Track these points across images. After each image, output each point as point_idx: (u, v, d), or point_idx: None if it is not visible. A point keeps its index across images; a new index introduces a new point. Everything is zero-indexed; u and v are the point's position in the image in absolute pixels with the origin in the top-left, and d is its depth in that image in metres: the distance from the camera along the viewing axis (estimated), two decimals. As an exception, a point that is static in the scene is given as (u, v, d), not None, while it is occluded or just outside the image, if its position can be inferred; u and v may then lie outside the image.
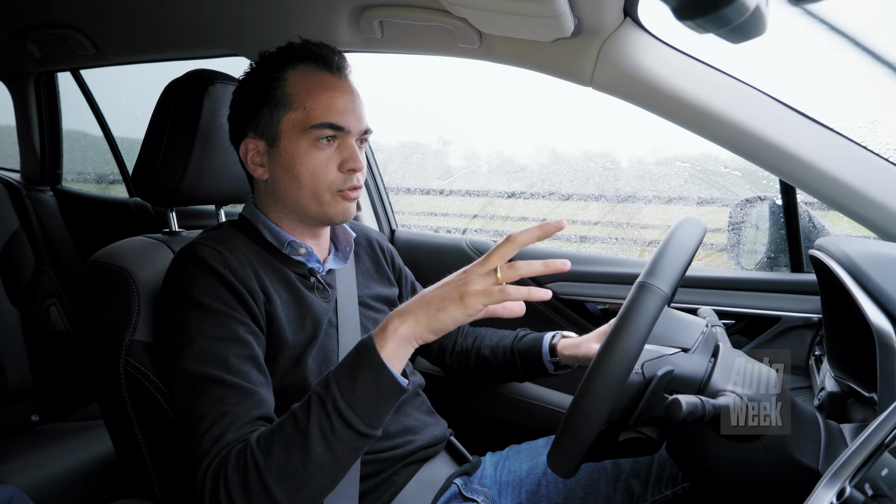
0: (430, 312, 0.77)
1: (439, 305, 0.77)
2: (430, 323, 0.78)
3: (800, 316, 1.28)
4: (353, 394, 0.77)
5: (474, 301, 0.75)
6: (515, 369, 1.29)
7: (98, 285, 1.04)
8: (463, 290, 0.76)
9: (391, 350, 0.78)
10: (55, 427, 1.83)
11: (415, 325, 0.78)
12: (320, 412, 0.77)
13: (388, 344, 0.78)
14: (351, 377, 0.78)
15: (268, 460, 0.77)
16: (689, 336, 0.88)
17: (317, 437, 0.76)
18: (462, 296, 0.76)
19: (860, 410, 0.88)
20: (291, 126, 0.99)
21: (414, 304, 0.80)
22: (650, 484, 1.07)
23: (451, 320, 0.77)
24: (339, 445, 0.77)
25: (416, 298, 0.80)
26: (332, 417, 0.77)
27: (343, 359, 0.82)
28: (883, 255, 0.88)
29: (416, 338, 0.79)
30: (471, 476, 1.19)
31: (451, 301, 0.76)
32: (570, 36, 1.11)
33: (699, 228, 0.88)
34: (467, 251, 1.69)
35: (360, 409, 0.77)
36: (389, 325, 0.79)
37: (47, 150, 2.36)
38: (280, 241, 1.05)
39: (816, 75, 1.41)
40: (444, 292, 0.78)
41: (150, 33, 1.65)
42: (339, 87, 1.02)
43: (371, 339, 0.80)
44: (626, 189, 2.16)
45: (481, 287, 0.76)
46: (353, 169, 1.01)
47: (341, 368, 0.80)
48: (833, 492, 0.55)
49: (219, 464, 0.79)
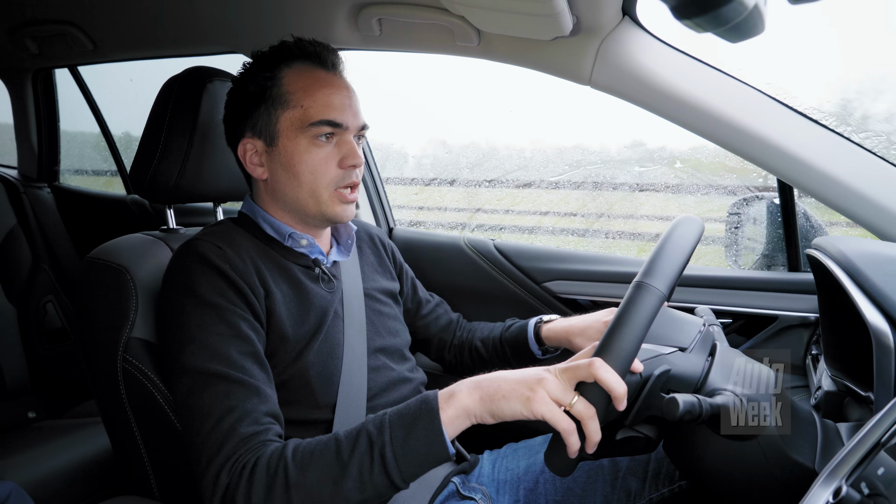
0: (496, 399, 0.77)
1: (507, 395, 0.76)
2: (492, 408, 0.77)
3: (797, 315, 1.28)
4: (404, 448, 0.77)
5: (538, 409, 0.74)
6: (506, 359, 1.29)
7: (95, 282, 1.04)
8: (533, 396, 0.75)
9: (451, 417, 0.78)
10: (52, 424, 1.83)
11: (480, 404, 0.78)
12: (366, 452, 0.78)
13: (450, 411, 0.78)
14: (406, 430, 0.78)
15: (300, 478, 0.77)
16: (686, 335, 0.88)
17: (354, 475, 0.77)
18: (530, 399, 0.75)
19: (857, 409, 0.88)
20: (290, 124, 0.99)
21: (487, 383, 0.79)
22: (647, 482, 1.08)
23: (511, 413, 0.76)
24: (370, 489, 0.77)
25: (493, 378, 0.80)
26: (375, 462, 0.77)
27: (404, 405, 0.82)
28: (880, 255, 0.88)
29: (477, 416, 0.79)
30: (468, 474, 1.19)
31: (518, 399, 0.76)
32: (568, 35, 1.11)
33: (696, 227, 0.88)
34: (465, 250, 1.69)
35: (403, 464, 0.77)
36: (458, 393, 0.79)
37: (45, 146, 2.35)
38: (281, 234, 1.05)
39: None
40: (517, 386, 0.76)
41: (148, 30, 1.65)
42: (335, 83, 1.02)
43: (436, 399, 0.79)
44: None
45: (551, 400, 0.74)
46: (352, 165, 1.01)
47: (399, 417, 0.80)
48: (829, 490, 0.55)
49: (239, 459, 0.79)
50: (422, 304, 1.35)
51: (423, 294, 1.37)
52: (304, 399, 0.98)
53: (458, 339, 1.36)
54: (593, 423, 0.73)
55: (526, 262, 1.62)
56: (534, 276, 1.60)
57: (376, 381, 1.06)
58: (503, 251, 1.65)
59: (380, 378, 1.07)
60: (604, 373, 0.73)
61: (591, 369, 0.73)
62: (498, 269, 1.64)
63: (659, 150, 2.00)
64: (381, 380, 1.07)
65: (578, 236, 2.22)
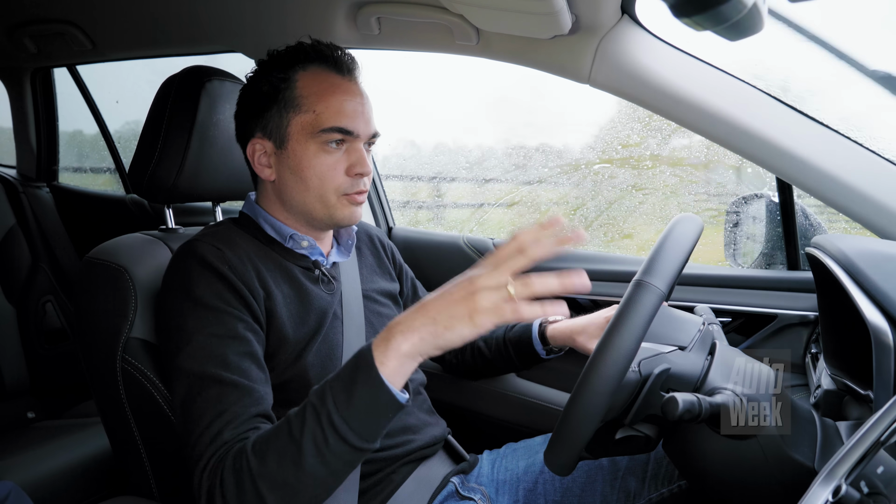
0: (437, 330, 0.72)
1: (447, 323, 0.71)
2: (435, 341, 0.73)
3: (796, 314, 1.28)
4: (349, 408, 0.74)
5: (485, 320, 0.70)
6: (510, 359, 1.29)
7: (94, 282, 1.04)
8: (472, 308, 0.70)
9: (393, 368, 0.73)
10: (51, 424, 1.83)
11: (420, 343, 0.73)
12: (315, 424, 0.74)
13: (389, 361, 0.73)
14: (347, 391, 0.74)
15: (261, 468, 0.75)
16: (685, 334, 0.88)
17: (310, 450, 0.74)
18: (471, 314, 0.70)
19: (856, 408, 0.88)
20: (300, 129, 0.98)
21: (419, 318, 0.74)
22: (647, 481, 1.08)
23: (459, 338, 0.72)
24: (333, 458, 0.75)
25: (420, 311, 0.74)
26: (327, 431, 0.74)
27: (340, 369, 0.77)
28: (879, 253, 0.88)
29: (421, 354, 0.74)
30: (468, 474, 1.19)
31: (460, 319, 0.71)
32: (567, 33, 1.11)
33: (696, 226, 0.88)
34: (465, 249, 1.69)
35: (355, 424, 0.74)
36: (392, 339, 0.74)
37: (43, 146, 2.35)
38: (282, 235, 1.05)
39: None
40: (452, 307, 0.72)
41: (146, 29, 1.64)
42: (349, 90, 1.01)
43: (371, 352, 0.74)
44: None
45: (492, 304, 0.70)
46: (360, 174, 1.00)
47: (338, 380, 0.76)
48: (829, 489, 0.55)
49: (216, 463, 0.79)
50: None
51: (423, 294, 1.37)
52: (304, 400, 0.97)
53: None
54: (535, 291, 0.71)
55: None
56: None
57: None
58: None
59: None
60: (519, 240, 0.73)
61: (508, 247, 0.73)
62: (497, 269, 1.63)
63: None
64: None
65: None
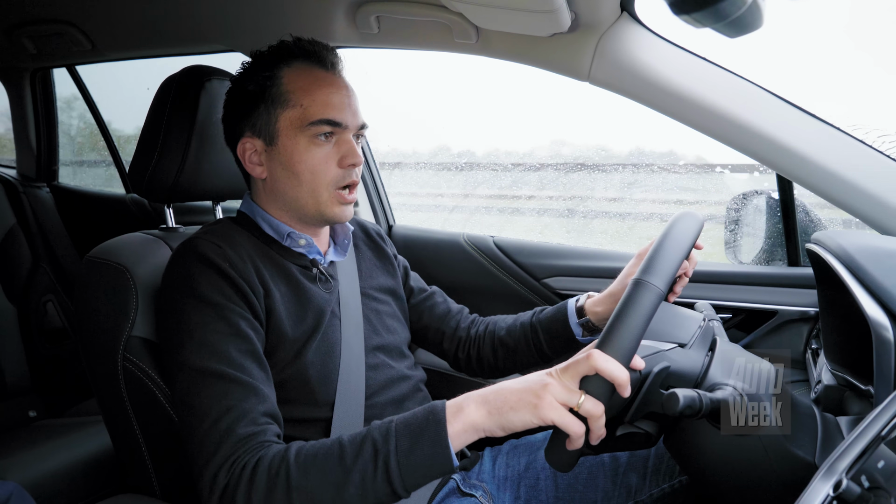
0: (504, 411, 0.76)
1: (514, 406, 0.76)
2: (501, 421, 0.76)
3: (797, 310, 1.28)
4: (408, 458, 0.76)
5: (547, 415, 0.73)
6: (538, 345, 1.21)
7: (95, 281, 1.04)
8: (539, 402, 0.74)
9: (458, 431, 0.77)
10: (53, 423, 1.83)
11: (487, 418, 0.77)
12: (370, 459, 0.77)
13: (457, 425, 0.77)
14: (412, 441, 0.77)
15: (302, 481, 0.77)
16: (685, 331, 0.88)
17: (356, 481, 0.76)
18: (537, 406, 0.74)
19: (856, 403, 0.88)
20: (289, 124, 0.99)
21: (493, 396, 0.78)
22: (648, 477, 1.08)
23: (521, 423, 0.75)
24: (371, 496, 0.77)
25: (498, 390, 0.78)
26: (379, 470, 0.76)
27: (411, 414, 0.80)
28: (879, 249, 0.88)
29: (486, 430, 0.78)
30: (469, 471, 1.19)
31: (526, 407, 0.75)
32: (566, 31, 1.11)
33: (695, 223, 0.88)
34: (465, 247, 1.69)
35: (407, 473, 0.76)
36: (466, 407, 0.78)
37: (43, 146, 2.35)
38: (280, 234, 1.05)
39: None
40: (523, 395, 0.76)
41: (146, 29, 1.64)
42: (334, 83, 1.02)
43: (444, 410, 0.78)
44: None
45: (558, 404, 0.74)
46: (351, 164, 1.01)
47: (405, 427, 0.79)
48: (830, 484, 0.55)
49: (238, 460, 0.79)
50: (414, 292, 1.30)
51: (415, 283, 1.32)
52: (303, 398, 0.98)
53: (473, 334, 1.29)
54: (602, 420, 0.74)
55: (525, 258, 1.62)
56: (533, 272, 1.60)
57: (375, 378, 1.06)
58: (503, 248, 1.65)
59: (378, 376, 1.07)
60: (603, 362, 0.73)
61: (590, 362, 0.73)
62: (497, 266, 1.64)
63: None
64: (380, 377, 1.07)
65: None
